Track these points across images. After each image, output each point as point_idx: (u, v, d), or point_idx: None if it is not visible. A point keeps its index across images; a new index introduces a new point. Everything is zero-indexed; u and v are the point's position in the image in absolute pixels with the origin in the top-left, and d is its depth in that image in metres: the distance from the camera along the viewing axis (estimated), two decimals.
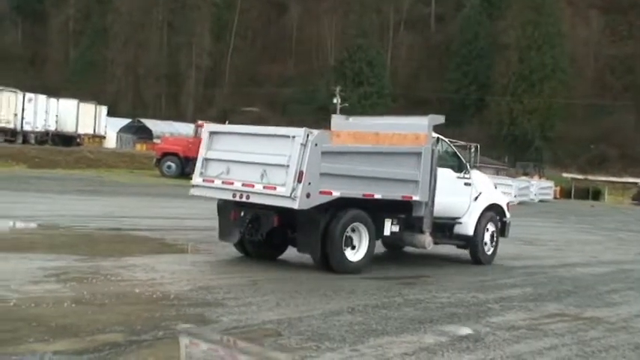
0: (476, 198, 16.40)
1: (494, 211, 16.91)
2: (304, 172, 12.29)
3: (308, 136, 12.37)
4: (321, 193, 12.55)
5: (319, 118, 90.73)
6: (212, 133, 14.27)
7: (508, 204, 17.67)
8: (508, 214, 17.40)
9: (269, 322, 9.11)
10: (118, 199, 27.88)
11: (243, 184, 13.05)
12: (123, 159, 55.69)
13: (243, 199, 13.12)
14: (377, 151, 14.09)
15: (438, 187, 14.65)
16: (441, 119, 15.14)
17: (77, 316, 8.59)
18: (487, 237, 16.59)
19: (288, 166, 12.43)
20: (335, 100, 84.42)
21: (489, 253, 16.77)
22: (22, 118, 55.57)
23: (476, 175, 16.80)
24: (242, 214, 13.48)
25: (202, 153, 14.06)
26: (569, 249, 23.36)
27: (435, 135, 15.10)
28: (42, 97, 58.33)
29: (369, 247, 13.61)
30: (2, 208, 20.13)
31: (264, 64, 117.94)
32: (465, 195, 16.20)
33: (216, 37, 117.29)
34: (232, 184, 13.27)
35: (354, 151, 13.67)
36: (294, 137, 12.53)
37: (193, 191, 14.19)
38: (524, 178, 67.19)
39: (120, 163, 53.46)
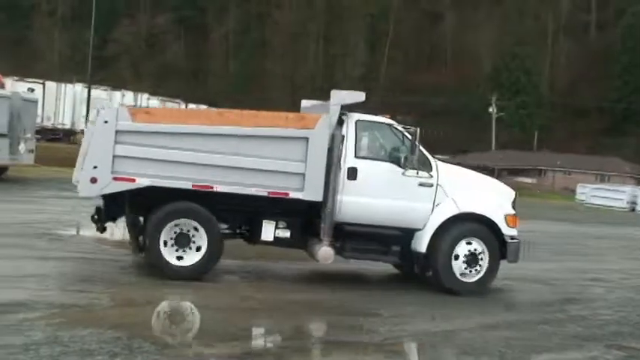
0: (439, 204, 12.13)
1: (481, 223, 12.19)
2: (87, 153, 10.50)
3: (98, 112, 10.51)
4: (116, 179, 10.45)
5: (474, 128, 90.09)
6: None
7: (509, 216, 12.39)
8: (508, 230, 12.30)
9: (423, 334, 8.97)
10: None
11: None
12: None
13: None
14: (207, 132, 10.95)
15: (368, 185, 11.63)
16: (359, 97, 12.23)
17: (232, 321, 8.68)
18: (461, 257, 11.91)
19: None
20: (490, 110, 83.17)
21: (466, 279, 11.94)
22: None
23: (447, 173, 12.36)
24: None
25: None
26: None
27: (368, 118, 12.33)
28: (203, 108, 60.13)
29: (208, 250, 10.88)
30: None
31: (418, 73, 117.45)
32: (418, 199, 11.91)
33: (370, 48, 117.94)
34: None
35: (169, 131, 10.79)
36: (97, 115, 10.67)
37: None
38: None
39: None
